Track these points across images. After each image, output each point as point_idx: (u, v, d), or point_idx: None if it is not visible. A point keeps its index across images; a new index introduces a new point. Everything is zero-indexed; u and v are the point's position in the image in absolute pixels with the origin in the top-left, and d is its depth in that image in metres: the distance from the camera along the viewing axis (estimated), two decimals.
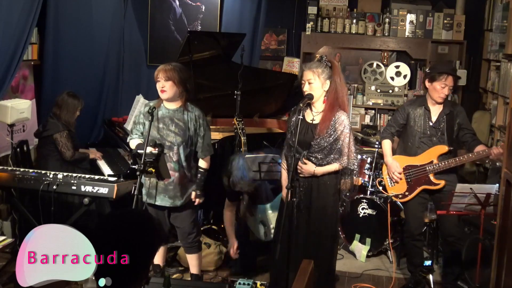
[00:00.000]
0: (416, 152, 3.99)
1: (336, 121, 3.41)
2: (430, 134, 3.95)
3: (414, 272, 4.12)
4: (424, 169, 3.94)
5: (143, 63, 6.00)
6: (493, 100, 5.42)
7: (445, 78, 3.85)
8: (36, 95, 5.06)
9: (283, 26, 6.54)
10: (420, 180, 3.97)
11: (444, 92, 3.88)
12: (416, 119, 3.99)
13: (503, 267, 3.05)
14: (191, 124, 3.64)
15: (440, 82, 3.87)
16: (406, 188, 4.03)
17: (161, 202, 3.67)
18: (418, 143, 3.98)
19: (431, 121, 3.96)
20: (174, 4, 5.85)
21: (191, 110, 3.66)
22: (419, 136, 3.97)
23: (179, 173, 3.64)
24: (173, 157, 3.61)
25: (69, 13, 5.16)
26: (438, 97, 3.90)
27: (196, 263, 3.88)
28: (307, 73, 3.43)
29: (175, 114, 3.63)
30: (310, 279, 2.48)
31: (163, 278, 2.62)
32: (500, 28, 5.14)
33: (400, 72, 6.20)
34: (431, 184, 3.94)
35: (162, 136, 3.60)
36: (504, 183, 3.09)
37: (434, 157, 3.93)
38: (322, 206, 3.48)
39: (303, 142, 3.46)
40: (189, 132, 3.64)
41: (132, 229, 1.80)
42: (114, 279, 1.75)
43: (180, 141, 3.61)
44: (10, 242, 3.90)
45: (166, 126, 3.62)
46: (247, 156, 3.97)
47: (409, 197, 4.03)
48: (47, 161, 4.51)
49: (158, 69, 3.59)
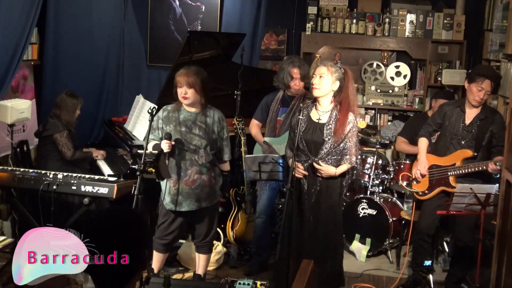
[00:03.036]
0: (445, 152, 3.97)
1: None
2: (461, 136, 3.92)
3: (415, 271, 4.12)
4: (446, 171, 3.93)
5: (143, 63, 6.00)
6: (493, 100, 5.41)
7: (482, 81, 3.80)
8: (36, 95, 5.06)
9: (283, 26, 6.53)
10: (440, 181, 3.96)
11: (480, 96, 3.83)
12: (451, 119, 3.97)
13: (503, 267, 3.05)
14: (215, 127, 3.62)
15: (476, 84, 3.83)
16: (427, 187, 4.03)
17: (188, 207, 3.62)
18: (448, 144, 3.97)
19: (464, 123, 3.92)
20: (174, 4, 5.85)
21: (212, 112, 3.64)
22: (451, 137, 3.95)
23: (206, 175, 3.62)
24: (199, 160, 3.59)
25: (69, 13, 5.16)
26: (473, 100, 3.86)
27: (203, 264, 3.87)
28: (321, 68, 3.47)
29: (197, 117, 3.60)
30: (310, 279, 2.48)
31: (163, 278, 2.62)
32: (500, 28, 5.13)
33: (400, 72, 6.20)
34: (449, 187, 3.91)
35: (186, 140, 3.57)
36: (504, 183, 3.09)
37: (458, 160, 3.90)
38: (330, 206, 3.51)
39: (311, 142, 3.48)
40: (213, 134, 3.62)
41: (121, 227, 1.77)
42: (107, 278, 1.73)
43: (206, 144, 3.58)
44: (10, 242, 3.90)
45: (189, 129, 3.58)
46: (247, 156, 3.98)
47: (428, 195, 4.02)
48: (47, 161, 4.51)
49: (180, 74, 3.55)
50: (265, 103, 4.35)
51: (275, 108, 4.25)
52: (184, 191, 3.59)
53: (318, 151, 3.48)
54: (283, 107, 4.25)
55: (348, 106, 3.48)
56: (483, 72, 3.87)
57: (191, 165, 3.58)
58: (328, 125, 3.46)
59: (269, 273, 4.22)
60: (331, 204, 3.51)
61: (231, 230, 4.60)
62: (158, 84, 5.82)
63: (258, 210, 4.31)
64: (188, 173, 3.59)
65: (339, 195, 3.54)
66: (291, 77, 4.15)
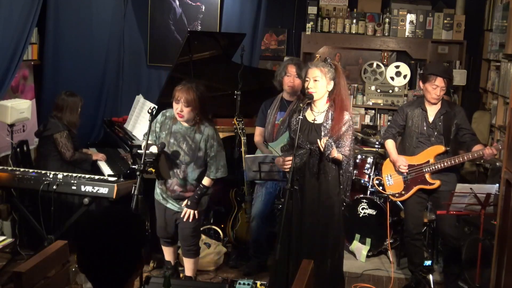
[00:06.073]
0: (414, 152, 4.01)
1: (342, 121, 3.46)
2: (427, 134, 3.97)
3: (414, 272, 4.12)
4: (420, 169, 3.95)
5: (143, 63, 6.00)
6: (493, 100, 5.42)
7: (434, 80, 3.87)
8: (36, 95, 5.07)
9: (283, 26, 6.54)
10: (416, 180, 3.99)
11: (436, 93, 3.89)
12: (414, 119, 4.01)
13: (503, 267, 3.06)
14: (202, 144, 3.59)
15: (430, 84, 3.89)
16: (402, 187, 4.05)
17: (171, 206, 3.72)
18: (416, 143, 4.00)
19: (428, 121, 3.97)
20: (174, 4, 5.85)
21: (204, 129, 3.59)
22: (417, 136, 3.99)
23: (187, 190, 3.66)
24: (180, 175, 3.62)
25: (69, 13, 5.16)
26: (431, 98, 3.93)
27: (191, 267, 3.87)
28: (314, 70, 3.44)
29: (187, 132, 3.59)
30: (310, 279, 2.48)
31: (163, 278, 2.62)
32: (500, 28, 5.13)
33: (400, 72, 6.20)
34: (427, 184, 3.96)
35: (172, 153, 3.58)
36: (504, 183, 3.09)
37: (431, 157, 3.95)
38: (327, 205, 3.50)
39: (308, 143, 3.46)
40: (199, 152, 3.59)
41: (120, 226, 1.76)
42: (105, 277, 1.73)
43: (188, 161, 3.59)
44: (10, 242, 3.90)
45: (177, 142, 3.59)
46: (247, 156, 3.97)
47: (405, 196, 4.04)
48: (47, 161, 4.50)
49: (181, 90, 3.48)
50: (264, 107, 4.33)
51: (273, 112, 4.24)
52: (167, 193, 3.69)
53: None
54: (281, 111, 4.24)
55: (341, 102, 3.46)
56: (433, 71, 3.91)
57: (173, 177, 3.63)
58: (324, 124, 3.45)
59: (269, 273, 4.22)
60: (330, 204, 3.50)
61: (231, 230, 4.60)
62: (158, 84, 5.82)
63: (252, 214, 4.30)
64: (170, 182, 3.65)
65: (337, 195, 3.52)
66: (285, 72, 4.15)
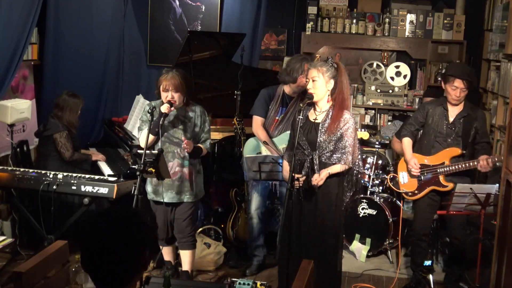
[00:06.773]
0: (430, 151, 3.97)
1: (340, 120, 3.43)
2: (445, 134, 3.93)
3: (415, 271, 4.12)
4: (435, 170, 3.93)
5: (143, 63, 6.00)
6: (493, 100, 5.42)
7: (453, 81, 3.83)
8: (36, 95, 5.06)
9: (283, 26, 6.53)
10: (430, 181, 3.96)
11: (456, 94, 3.85)
12: (434, 117, 3.97)
13: (503, 267, 3.06)
14: (197, 120, 3.75)
15: (449, 85, 3.86)
16: (416, 187, 4.02)
17: (168, 199, 3.73)
18: (433, 142, 3.97)
19: (447, 121, 3.94)
20: (174, 4, 5.85)
21: (195, 108, 3.77)
22: (435, 135, 3.95)
23: (187, 169, 3.72)
24: (181, 154, 3.70)
25: (69, 13, 5.16)
26: (451, 99, 3.89)
27: (189, 260, 3.88)
28: (312, 71, 3.44)
29: (180, 113, 3.72)
30: (310, 279, 2.48)
31: (163, 278, 2.62)
32: (500, 28, 5.13)
33: (400, 72, 6.20)
34: (440, 186, 3.92)
35: (169, 133, 3.68)
36: (504, 183, 3.09)
37: (446, 159, 3.91)
38: (327, 205, 3.49)
39: (308, 142, 3.46)
40: (195, 128, 3.74)
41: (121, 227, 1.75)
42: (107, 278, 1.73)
43: (188, 137, 3.69)
44: (10, 242, 3.90)
45: (172, 123, 3.69)
46: (247, 156, 3.97)
47: (418, 195, 4.02)
48: (47, 161, 4.51)
49: (166, 78, 3.61)
50: (267, 96, 4.25)
51: (275, 107, 4.22)
52: (165, 182, 3.69)
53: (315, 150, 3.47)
54: (282, 107, 4.23)
55: (341, 101, 3.45)
56: (452, 72, 3.89)
57: (173, 158, 3.69)
58: (323, 123, 3.45)
59: (269, 272, 4.22)
60: (328, 204, 3.49)
61: (231, 230, 4.60)
62: None
63: (250, 212, 4.31)
64: (170, 165, 3.67)
65: (336, 195, 3.51)
66: (302, 70, 4.05)
